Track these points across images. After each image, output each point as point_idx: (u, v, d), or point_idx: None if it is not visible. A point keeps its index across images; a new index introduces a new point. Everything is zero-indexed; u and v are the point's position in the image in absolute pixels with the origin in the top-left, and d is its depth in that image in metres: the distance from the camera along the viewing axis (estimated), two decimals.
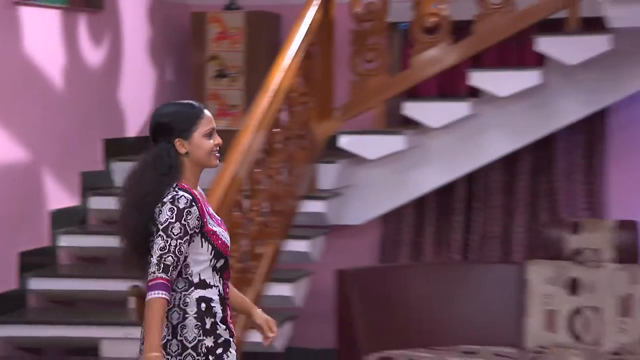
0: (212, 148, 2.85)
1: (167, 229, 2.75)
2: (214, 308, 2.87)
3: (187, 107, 2.90)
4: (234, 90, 5.72)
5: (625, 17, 4.63)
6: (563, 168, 5.65)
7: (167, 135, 2.84)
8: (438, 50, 4.93)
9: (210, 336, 2.82)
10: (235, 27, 5.70)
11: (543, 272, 4.78)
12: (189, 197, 2.77)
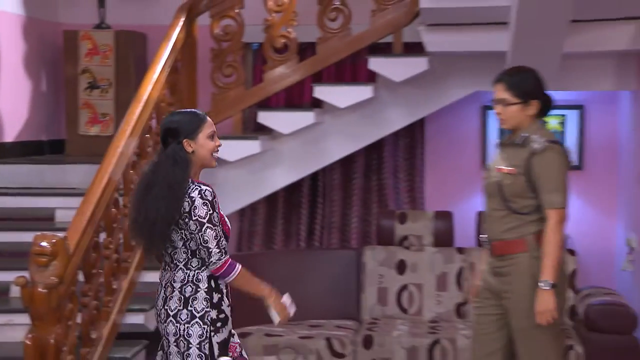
0: (214, 148, 2.98)
1: (211, 220, 2.87)
2: (221, 285, 2.97)
3: (192, 114, 3.02)
4: (105, 101, 5.60)
5: (438, 42, 4.76)
6: (390, 168, 5.77)
7: (176, 137, 2.94)
8: (287, 67, 4.99)
9: (215, 309, 2.92)
10: (105, 44, 5.59)
11: (377, 256, 4.92)
12: (210, 189, 2.90)
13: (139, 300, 4.12)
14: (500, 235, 3.26)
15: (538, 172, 3.18)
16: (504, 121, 3.31)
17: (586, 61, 5.04)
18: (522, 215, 3.23)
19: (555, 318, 3.14)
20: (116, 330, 3.80)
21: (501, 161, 3.32)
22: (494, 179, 3.30)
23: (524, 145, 3.24)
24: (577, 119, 5.71)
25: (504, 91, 3.28)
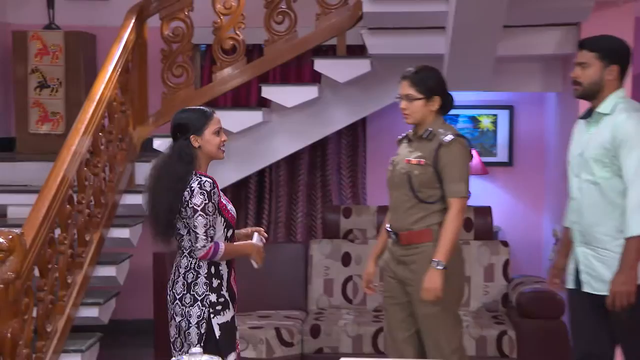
0: (219, 143, 3.09)
1: (205, 209, 2.97)
2: (221, 271, 3.09)
3: (200, 111, 3.11)
4: (55, 100, 5.49)
5: (380, 45, 4.81)
6: (333, 165, 5.79)
7: (184, 133, 3.04)
8: (235, 68, 4.99)
9: (215, 293, 3.05)
10: (55, 44, 5.47)
11: (323, 249, 4.92)
12: (210, 180, 3.00)
13: (93, 294, 4.08)
14: (408, 226, 3.32)
15: (444, 162, 3.28)
16: (409, 116, 3.38)
17: (516, 64, 5.17)
18: (429, 204, 3.31)
19: (439, 297, 3.20)
20: (71, 324, 3.76)
21: (409, 154, 3.39)
22: (402, 170, 3.36)
23: (430, 138, 3.33)
24: (507, 118, 5.85)
25: (409, 87, 3.36)
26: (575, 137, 3.28)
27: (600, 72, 3.09)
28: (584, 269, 3.14)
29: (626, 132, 3.00)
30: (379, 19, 4.65)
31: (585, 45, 3.15)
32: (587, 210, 3.11)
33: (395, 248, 3.40)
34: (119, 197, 4.52)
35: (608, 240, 3.06)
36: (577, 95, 3.21)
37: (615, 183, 3.04)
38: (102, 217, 4.21)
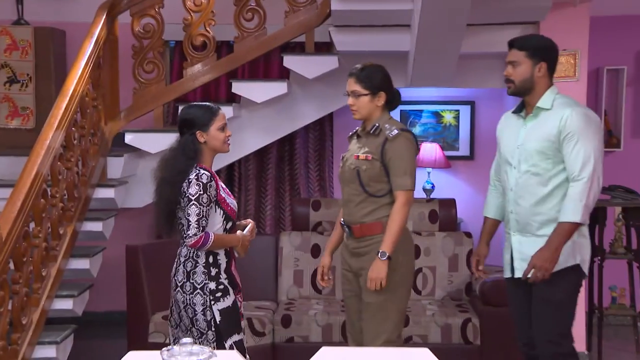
0: (224, 138, 3.16)
1: (199, 200, 3.02)
2: (219, 260, 3.14)
3: (206, 108, 3.16)
4: (25, 95, 5.41)
5: (347, 42, 4.81)
6: (301, 159, 5.81)
7: (190, 128, 3.11)
8: (205, 64, 4.97)
9: (214, 281, 3.10)
10: (24, 39, 5.39)
11: (292, 241, 4.93)
12: (208, 173, 3.05)
13: (67, 286, 4.04)
14: (359, 219, 3.36)
15: (390, 156, 3.32)
16: (356, 112, 3.40)
17: (478, 61, 5.22)
18: (378, 198, 3.35)
19: (383, 286, 3.25)
20: (45, 316, 3.72)
21: (357, 149, 3.43)
22: (351, 166, 3.40)
23: (377, 134, 3.36)
24: (469, 113, 5.92)
25: (355, 84, 3.39)
26: (506, 130, 3.37)
27: (531, 69, 3.18)
28: (518, 256, 3.25)
29: (572, 127, 3.10)
30: (346, 17, 4.67)
31: (515, 45, 3.25)
32: (526, 199, 3.20)
33: (349, 241, 3.45)
34: (91, 191, 4.47)
35: (545, 227, 3.16)
36: (510, 93, 3.28)
37: (556, 173, 3.14)
38: (75, 211, 4.17)
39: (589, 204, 3.08)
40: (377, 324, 3.34)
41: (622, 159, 5.67)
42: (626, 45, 5.69)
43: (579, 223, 3.08)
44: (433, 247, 4.86)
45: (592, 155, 3.08)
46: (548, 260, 3.07)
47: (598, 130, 3.17)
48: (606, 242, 4.99)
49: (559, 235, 3.07)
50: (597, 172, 3.10)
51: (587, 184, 3.07)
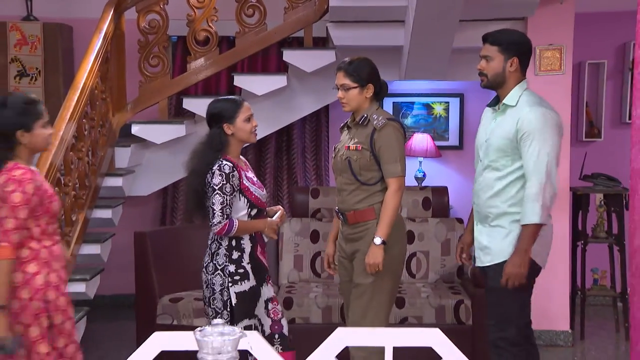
0: (250, 129, 3.24)
1: (222, 189, 3.09)
2: (243, 245, 3.21)
3: (231, 101, 3.22)
4: (34, 88, 5.41)
5: (344, 37, 4.84)
6: (298, 149, 5.85)
7: (217, 121, 3.18)
8: (208, 58, 5.01)
9: (234, 264, 3.17)
10: (33, 35, 5.40)
11: (293, 227, 4.95)
12: (230, 164, 3.13)
13: (80, 270, 4.08)
14: (353, 206, 3.37)
15: (379, 145, 3.31)
16: (346, 104, 3.39)
17: (467, 55, 5.21)
18: (369, 186, 3.36)
19: (380, 270, 3.27)
20: None
21: (348, 140, 3.43)
22: (343, 156, 3.39)
23: (365, 124, 3.36)
24: (458, 105, 5.98)
25: (344, 77, 3.36)
26: (482, 123, 3.34)
27: (503, 64, 3.13)
28: (477, 245, 3.26)
29: (527, 126, 3.04)
30: (343, 13, 4.70)
31: (488, 40, 3.19)
32: (485, 191, 3.19)
33: (344, 228, 3.47)
34: (100, 180, 4.51)
35: (499, 218, 3.15)
36: (483, 86, 3.25)
37: (513, 170, 3.11)
38: (86, 199, 4.21)
39: (546, 204, 3.04)
40: (364, 304, 3.33)
41: (602, 148, 5.75)
42: (606, 41, 5.77)
43: (540, 224, 3.04)
44: (426, 233, 4.91)
45: (546, 156, 3.03)
46: (519, 265, 3.05)
47: (555, 131, 3.11)
48: (589, 227, 5.08)
49: (524, 239, 3.05)
50: (550, 172, 3.05)
51: (541, 185, 3.02)
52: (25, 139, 2.80)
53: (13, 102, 2.84)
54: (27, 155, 2.84)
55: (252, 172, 3.36)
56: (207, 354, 1.38)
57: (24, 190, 2.70)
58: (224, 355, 1.35)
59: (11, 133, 2.80)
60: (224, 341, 1.36)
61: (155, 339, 1.82)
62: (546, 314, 4.91)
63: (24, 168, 2.76)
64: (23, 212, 2.70)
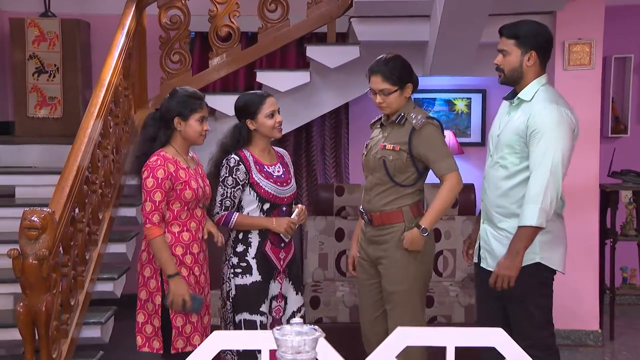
0: (273, 125, 3.27)
1: (224, 182, 3.21)
2: (250, 239, 3.27)
3: (254, 96, 3.31)
4: (53, 85, 5.46)
5: (368, 32, 4.86)
6: (318, 146, 5.86)
7: (241, 116, 3.29)
8: (230, 54, 5.02)
9: (237, 257, 3.25)
10: (51, 31, 5.43)
11: (317, 225, 4.99)
12: (237, 158, 3.21)
13: (107, 269, 4.10)
14: (380, 208, 3.31)
15: (423, 146, 3.25)
16: (386, 108, 3.32)
17: (492, 50, 5.17)
18: (403, 187, 3.31)
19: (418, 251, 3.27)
20: (90, 298, 3.79)
21: (383, 139, 3.37)
22: (377, 155, 3.33)
23: (403, 123, 3.31)
24: (480, 101, 5.99)
25: (382, 82, 3.28)
26: (498, 115, 3.24)
27: (520, 58, 3.02)
28: (484, 245, 3.16)
29: (538, 123, 2.93)
30: (368, 8, 4.72)
31: (505, 33, 3.07)
32: (491, 190, 3.10)
33: (367, 229, 3.40)
34: (124, 178, 4.51)
35: (504, 220, 3.06)
36: (501, 82, 3.14)
37: (521, 169, 3.01)
38: (111, 197, 4.23)
39: (546, 207, 2.90)
40: (404, 314, 3.31)
41: (629, 144, 5.76)
42: (633, 34, 5.77)
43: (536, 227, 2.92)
44: (453, 231, 4.93)
45: (552, 155, 2.90)
46: (509, 268, 2.94)
47: (568, 131, 2.96)
48: (618, 225, 5.09)
49: (518, 240, 2.94)
50: (555, 173, 2.91)
51: (542, 185, 2.90)
52: (181, 127, 3.15)
53: (178, 93, 3.22)
54: (181, 143, 3.19)
55: (284, 167, 3.37)
56: (285, 352, 1.40)
57: (154, 175, 3.06)
58: (304, 354, 1.37)
59: (170, 119, 3.16)
60: (304, 340, 1.37)
61: (215, 338, 1.85)
62: (575, 314, 4.92)
63: (158, 156, 3.11)
64: (158, 196, 3.04)
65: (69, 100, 5.46)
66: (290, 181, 3.40)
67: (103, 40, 5.35)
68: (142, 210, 3.10)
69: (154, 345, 3.17)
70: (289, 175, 3.39)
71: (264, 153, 3.32)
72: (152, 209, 3.07)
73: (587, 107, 4.81)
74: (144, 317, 3.18)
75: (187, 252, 3.16)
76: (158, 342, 3.16)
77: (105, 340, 3.93)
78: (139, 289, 3.22)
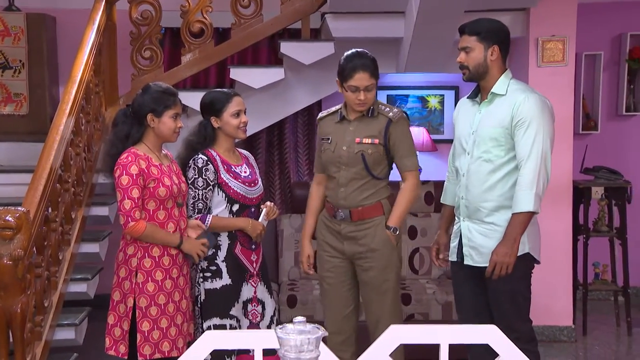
0: (238, 124, 3.22)
1: (194, 183, 3.16)
2: (220, 241, 3.21)
3: (221, 93, 3.25)
4: (18, 81, 5.35)
5: (342, 29, 4.87)
6: (290, 143, 5.85)
7: (206, 113, 3.24)
8: (203, 51, 4.99)
9: (206, 261, 3.20)
10: (16, 26, 5.32)
11: (293, 223, 4.98)
12: (205, 158, 3.16)
13: (80, 270, 4.06)
14: (360, 202, 3.32)
15: (396, 138, 3.31)
16: (365, 104, 3.30)
17: None
18: (378, 180, 3.36)
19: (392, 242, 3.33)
20: (63, 299, 3.74)
21: (354, 133, 3.34)
22: (354, 149, 3.31)
23: (376, 116, 3.33)
24: (453, 98, 6.04)
25: (370, 78, 3.27)
26: (462, 116, 3.30)
27: (483, 53, 3.11)
28: (467, 243, 3.20)
29: (524, 113, 3.03)
30: (343, 4, 4.73)
31: (466, 31, 3.16)
32: (475, 185, 3.15)
33: (343, 225, 3.37)
34: (96, 176, 4.47)
35: (492, 214, 3.12)
36: (466, 79, 3.20)
37: (507, 161, 3.09)
38: (84, 196, 4.18)
39: (539, 192, 3.02)
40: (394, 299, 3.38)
41: (599, 141, 5.86)
42: (602, 32, 5.88)
43: (533, 212, 3.02)
44: (429, 228, 4.96)
45: (541, 143, 3.03)
46: (507, 255, 3.02)
47: (550, 118, 3.10)
48: (590, 221, 5.19)
49: (515, 227, 3.02)
50: (545, 159, 3.04)
51: (535, 171, 3.01)
52: (154, 124, 3.12)
53: (151, 89, 3.18)
54: (154, 141, 3.15)
55: (249, 168, 3.35)
56: (287, 351, 1.41)
57: (128, 172, 3.04)
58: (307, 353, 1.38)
59: (143, 115, 3.13)
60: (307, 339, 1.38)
61: (207, 338, 1.85)
62: (550, 310, 5.00)
63: (129, 153, 3.08)
64: (135, 192, 3.04)
65: (35, 97, 5.37)
66: (258, 182, 3.39)
67: (70, 35, 5.29)
68: (121, 210, 3.06)
69: (119, 350, 3.12)
70: (256, 176, 3.38)
71: (229, 153, 3.29)
72: (132, 206, 3.04)
73: (561, 104, 4.89)
74: (114, 319, 3.15)
75: (166, 277, 3.12)
76: (124, 347, 3.11)
77: (79, 342, 3.89)
78: (113, 289, 3.19)
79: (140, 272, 3.10)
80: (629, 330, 5.14)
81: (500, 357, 1.83)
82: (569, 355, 4.83)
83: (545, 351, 4.86)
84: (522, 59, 5.03)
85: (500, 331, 1.84)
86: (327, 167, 3.44)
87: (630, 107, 5.89)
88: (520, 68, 5.05)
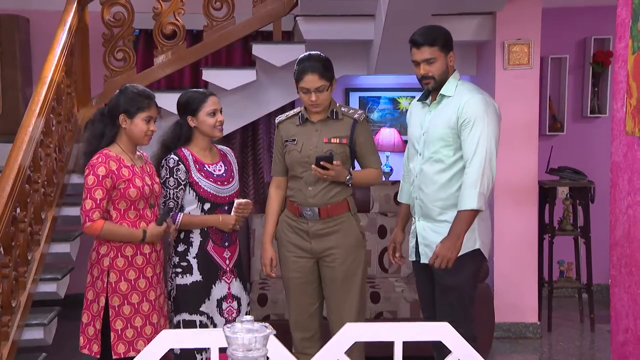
0: (214, 124, 3.22)
1: (166, 183, 3.16)
2: (191, 238, 3.21)
3: (197, 93, 3.23)
4: None
5: (313, 31, 4.88)
6: (264, 144, 5.84)
7: (182, 113, 3.23)
8: (175, 52, 4.95)
9: (177, 257, 3.21)
10: None
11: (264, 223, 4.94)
12: (176, 157, 3.16)
13: (50, 270, 4.01)
14: (328, 201, 3.32)
15: (363, 138, 3.34)
16: (319, 105, 3.26)
17: None
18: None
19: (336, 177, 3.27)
20: (32, 299, 3.69)
21: (322, 134, 3.31)
22: (325, 149, 3.29)
23: (341, 118, 3.32)
24: None
25: (320, 80, 3.22)
26: (413, 118, 3.33)
27: (445, 61, 3.15)
28: (422, 241, 3.24)
29: (469, 113, 3.06)
30: (314, 6, 4.73)
31: (426, 42, 3.16)
32: (427, 185, 3.18)
33: (311, 224, 3.35)
34: (67, 176, 4.42)
35: (444, 212, 3.15)
36: (431, 88, 3.21)
37: (456, 160, 3.13)
38: (54, 196, 4.13)
39: (484, 190, 3.04)
40: (362, 293, 3.38)
41: (565, 142, 5.90)
42: (568, 36, 5.92)
43: (476, 210, 3.05)
44: None
45: (485, 142, 3.05)
46: (450, 249, 3.03)
47: (496, 117, 3.12)
48: (555, 220, 5.22)
49: (459, 224, 3.04)
50: (490, 158, 3.06)
51: (479, 170, 3.03)
52: (126, 124, 3.09)
53: (127, 90, 3.15)
54: (126, 142, 3.11)
55: (226, 165, 3.33)
56: (236, 350, 1.39)
57: (95, 173, 3.00)
58: (254, 352, 1.36)
59: (116, 115, 3.10)
60: (255, 338, 1.36)
61: (163, 337, 1.82)
62: (516, 307, 5.03)
63: (101, 154, 3.05)
64: (99, 193, 2.98)
65: (8, 98, 5.30)
66: (233, 180, 3.36)
67: (43, 36, 5.22)
68: (81, 209, 3.02)
69: (93, 349, 3.09)
70: (232, 174, 3.35)
71: (204, 152, 3.27)
72: (92, 206, 2.99)
73: (527, 106, 4.93)
74: (87, 318, 3.11)
75: (140, 276, 3.09)
76: (97, 346, 3.08)
77: (48, 342, 3.83)
78: (87, 288, 3.15)
79: (112, 271, 3.05)
80: (592, 326, 5.18)
81: (452, 354, 1.83)
82: (534, 351, 4.85)
83: (511, 347, 4.89)
84: (489, 62, 5.05)
85: (453, 328, 1.83)
86: (293, 168, 3.40)
87: (595, 109, 5.94)
88: (487, 71, 5.08)
